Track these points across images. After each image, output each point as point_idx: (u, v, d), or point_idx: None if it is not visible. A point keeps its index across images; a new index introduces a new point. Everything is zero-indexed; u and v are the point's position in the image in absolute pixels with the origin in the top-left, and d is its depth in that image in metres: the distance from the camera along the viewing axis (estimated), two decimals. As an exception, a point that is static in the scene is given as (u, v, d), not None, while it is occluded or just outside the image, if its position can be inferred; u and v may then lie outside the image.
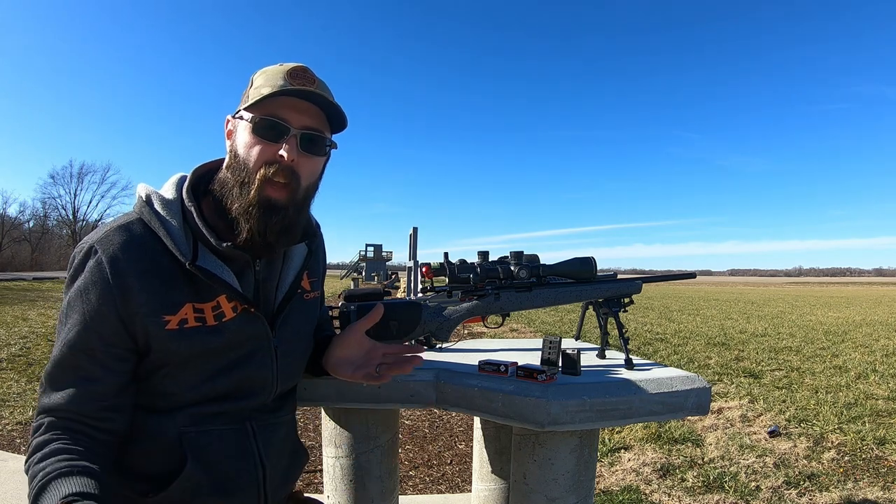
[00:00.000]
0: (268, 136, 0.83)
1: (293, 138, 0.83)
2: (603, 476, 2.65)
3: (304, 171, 0.85)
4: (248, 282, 0.89)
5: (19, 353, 5.34)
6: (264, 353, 0.90)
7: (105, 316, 0.78)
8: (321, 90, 0.84)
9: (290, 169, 0.83)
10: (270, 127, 0.83)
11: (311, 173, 0.88)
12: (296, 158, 0.83)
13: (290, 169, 0.83)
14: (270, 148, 0.83)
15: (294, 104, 0.84)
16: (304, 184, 0.86)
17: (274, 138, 0.83)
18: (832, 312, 13.39)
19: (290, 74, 0.82)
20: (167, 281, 0.81)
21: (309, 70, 0.84)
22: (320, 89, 0.84)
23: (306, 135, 0.84)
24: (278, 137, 0.83)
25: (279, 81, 0.82)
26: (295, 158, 0.83)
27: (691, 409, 1.07)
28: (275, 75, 0.83)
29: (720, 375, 5.01)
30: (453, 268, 1.15)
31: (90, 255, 0.79)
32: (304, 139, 0.84)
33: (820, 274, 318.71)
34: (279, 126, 0.83)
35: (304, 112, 0.84)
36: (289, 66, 0.84)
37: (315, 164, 0.88)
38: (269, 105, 0.82)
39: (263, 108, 0.83)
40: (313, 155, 0.86)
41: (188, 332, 0.82)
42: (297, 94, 0.83)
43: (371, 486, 1.21)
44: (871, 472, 2.72)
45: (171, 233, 0.82)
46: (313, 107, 0.85)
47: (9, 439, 3.03)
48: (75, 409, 0.78)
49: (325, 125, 0.88)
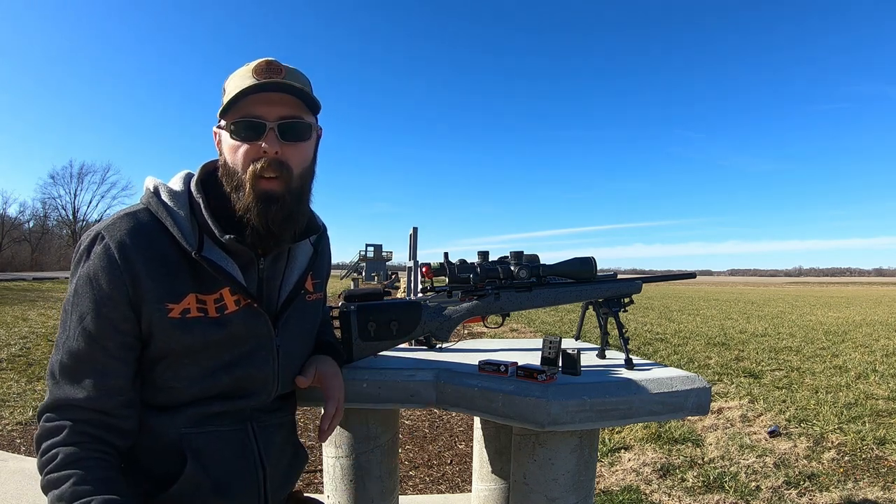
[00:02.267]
0: (247, 136, 0.83)
1: (271, 131, 0.83)
2: (603, 476, 2.65)
3: (292, 159, 0.85)
4: (252, 278, 0.90)
5: (19, 354, 5.34)
6: (266, 352, 0.90)
7: (117, 301, 0.78)
8: (290, 78, 0.84)
9: (278, 161, 0.83)
10: (246, 127, 0.83)
11: (300, 160, 0.87)
12: (279, 150, 0.83)
13: (276, 161, 0.83)
14: (253, 146, 0.83)
15: (265, 98, 0.83)
16: (297, 171, 0.86)
17: (253, 137, 0.83)
18: (832, 312, 13.39)
19: (255, 71, 0.83)
20: (172, 270, 0.81)
21: (274, 62, 0.84)
22: (289, 77, 0.84)
23: (283, 125, 0.84)
24: (257, 134, 0.83)
25: (246, 81, 0.82)
26: (278, 150, 0.83)
27: (691, 409, 1.08)
28: (242, 76, 0.84)
29: (720, 375, 5.01)
30: (453, 268, 1.15)
31: (97, 241, 0.79)
32: (283, 129, 0.84)
33: (820, 274, 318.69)
34: (254, 123, 0.83)
35: (277, 103, 0.84)
36: (253, 64, 0.84)
37: (303, 151, 0.88)
38: (242, 106, 0.83)
39: (237, 111, 0.83)
40: (297, 142, 0.86)
41: (189, 322, 0.82)
42: (265, 88, 0.82)
43: (371, 486, 1.21)
44: (871, 472, 2.72)
45: (178, 223, 0.82)
46: (286, 96, 0.85)
47: (9, 439, 3.03)
48: (96, 405, 0.78)
49: (304, 110, 0.87)
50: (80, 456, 0.76)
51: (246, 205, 0.83)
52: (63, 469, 0.74)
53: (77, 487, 0.72)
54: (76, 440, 0.77)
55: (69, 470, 0.74)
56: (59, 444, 0.76)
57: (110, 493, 0.74)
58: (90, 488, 0.73)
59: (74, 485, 0.73)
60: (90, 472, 0.74)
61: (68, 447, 0.76)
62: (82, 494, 0.72)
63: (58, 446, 0.76)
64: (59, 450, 0.76)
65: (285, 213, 0.85)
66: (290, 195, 0.85)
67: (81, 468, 0.74)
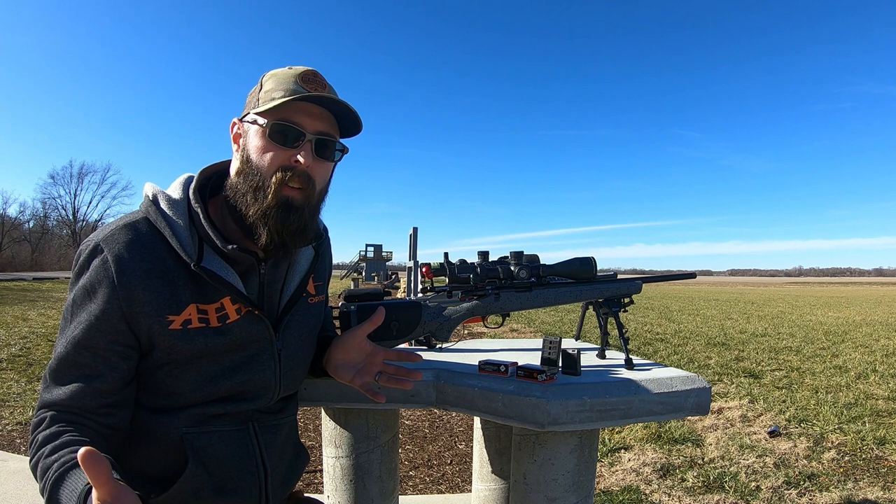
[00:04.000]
0: (283, 141, 0.83)
1: (308, 143, 0.83)
2: (603, 476, 2.65)
3: (317, 175, 0.86)
4: (253, 284, 0.89)
5: (19, 354, 5.34)
6: (267, 356, 0.90)
7: (110, 315, 0.78)
8: (332, 94, 0.85)
9: (306, 174, 0.83)
10: (286, 132, 0.82)
11: (323, 178, 0.88)
12: (311, 164, 0.83)
13: (305, 174, 0.83)
14: (285, 153, 0.83)
15: (308, 109, 0.84)
16: (318, 188, 0.87)
17: (289, 143, 0.83)
18: (832, 312, 13.39)
19: (302, 79, 0.82)
20: (172, 281, 0.81)
21: (319, 74, 0.85)
22: (332, 93, 0.85)
23: (320, 140, 0.84)
24: (293, 142, 0.83)
25: (292, 86, 0.82)
26: (310, 164, 0.83)
27: (691, 409, 1.08)
28: (286, 79, 0.83)
29: (720, 375, 5.01)
30: (453, 268, 1.15)
31: (96, 253, 0.79)
32: (319, 144, 0.84)
33: (820, 274, 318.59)
34: (294, 131, 0.82)
35: (318, 117, 0.84)
36: (300, 70, 0.84)
37: (327, 169, 0.89)
38: (282, 110, 0.82)
39: (277, 113, 0.82)
40: (326, 160, 0.87)
41: (191, 333, 0.82)
42: (315, 101, 0.83)
43: (371, 486, 1.21)
44: (871, 472, 2.72)
45: (177, 233, 0.82)
46: (325, 111, 0.85)
47: (9, 439, 3.03)
48: (78, 404, 0.78)
49: (336, 130, 0.88)
50: (56, 432, 0.75)
51: (265, 209, 0.82)
52: (40, 448, 0.74)
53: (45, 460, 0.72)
54: (53, 424, 0.77)
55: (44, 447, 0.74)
56: (40, 431, 0.77)
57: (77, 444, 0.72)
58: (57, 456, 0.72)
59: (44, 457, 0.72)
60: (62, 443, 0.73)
61: (46, 430, 0.76)
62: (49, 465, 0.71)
63: (39, 433, 0.76)
64: (39, 434, 0.76)
65: (300, 225, 0.85)
66: (308, 208, 0.85)
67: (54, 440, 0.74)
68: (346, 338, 0.99)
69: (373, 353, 0.98)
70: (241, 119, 0.87)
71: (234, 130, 0.88)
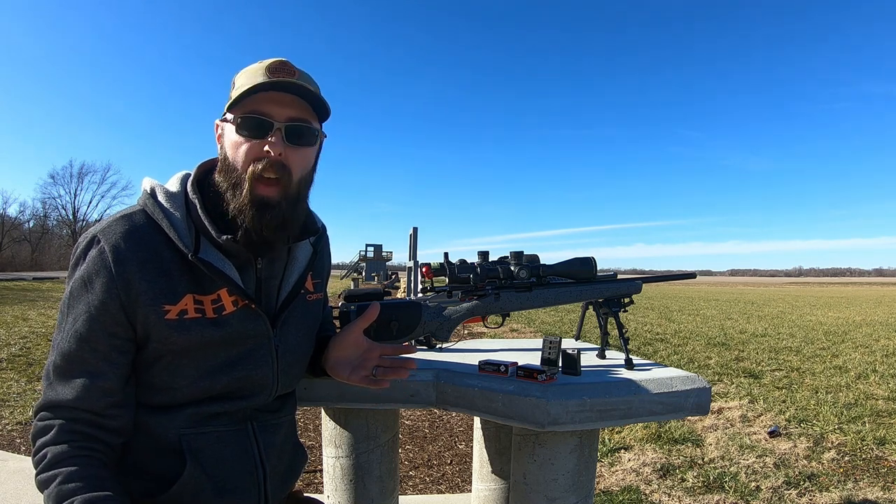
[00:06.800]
0: (253, 133, 0.83)
1: (278, 132, 0.83)
2: (603, 476, 2.65)
3: (294, 163, 0.85)
4: (250, 278, 0.89)
5: (19, 353, 5.34)
6: (265, 352, 0.90)
7: (109, 306, 0.78)
8: (302, 80, 0.84)
9: (280, 163, 0.83)
10: (254, 123, 0.83)
11: (302, 165, 0.87)
12: (283, 152, 0.83)
13: (279, 163, 0.83)
14: (257, 144, 0.83)
15: (276, 98, 0.83)
16: (297, 177, 0.86)
17: (259, 134, 0.83)
18: (832, 312, 13.38)
19: (269, 69, 0.82)
20: (168, 271, 0.81)
21: (288, 63, 0.84)
22: (301, 80, 0.84)
23: (291, 126, 0.84)
24: (263, 133, 0.83)
25: (259, 78, 0.82)
26: (282, 152, 0.83)
27: (691, 409, 1.08)
28: (254, 73, 0.83)
29: (720, 375, 5.01)
30: (453, 268, 1.15)
31: (93, 244, 0.80)
32: (290, 131, 0.84)
33: (820, 274, 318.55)
34: (262, 121, 0.83)
35: (287, 104, 0.84)
36: (268, 62, 0.83)
37: (305, 155, 0.88)
38: (250, 102, 0.82)
39: (245, 106, 0.83)
40: (301, 146, 0.86)
41: (187, 323, 0.82)
42: (277, 87, 0.82)
43: (371, 486, 1.21)
44: (871, 472, 2.72)
45: (174, 224, 0.82)
46: (296, 98, 0.85)
47: (9, 439, 3.03)
48: (84, 405, 0.78)
49: (312, 115, 0.88)
50: (68, 454, 0.76)
51: (240, 206, 0.83)
52: (51, 469, 0.75)
53: (62, 487, 0.73)
54: (65, 439, 0.77)
55: (56, 469, 0.74)
56: (49, 444, 0.77)
57: (96, 490, 0.74)
58: (74, 486, 0.73)
59: (60, 484, 0.73)
60: (76, 471, 0.75)
61: (57, 446, 0.76)
62: (66, 494, 0.72)
63: (48, 446, 0.77)
64: (49, 449, 0.76)
65: (279, 221, 0.84)
66: (286, 201, 0.85)
67: (68, 466, 0.75)
68: (343, 335, 1.00)
69: (369, 349, 0.98)
70: (220, 119, 0.88)
71: (217, 132, 0.89)
